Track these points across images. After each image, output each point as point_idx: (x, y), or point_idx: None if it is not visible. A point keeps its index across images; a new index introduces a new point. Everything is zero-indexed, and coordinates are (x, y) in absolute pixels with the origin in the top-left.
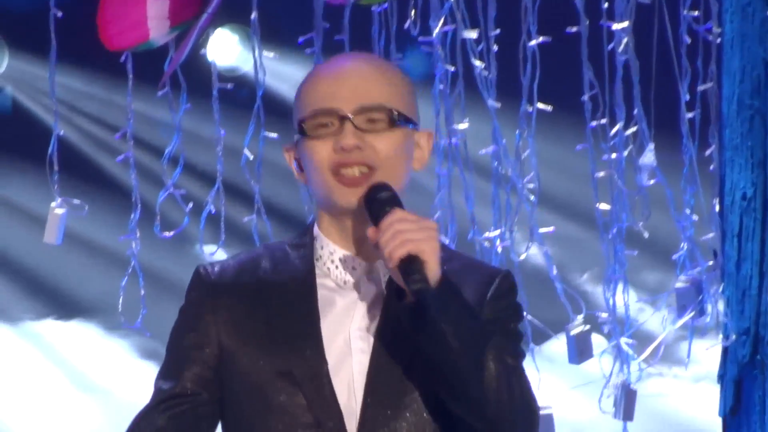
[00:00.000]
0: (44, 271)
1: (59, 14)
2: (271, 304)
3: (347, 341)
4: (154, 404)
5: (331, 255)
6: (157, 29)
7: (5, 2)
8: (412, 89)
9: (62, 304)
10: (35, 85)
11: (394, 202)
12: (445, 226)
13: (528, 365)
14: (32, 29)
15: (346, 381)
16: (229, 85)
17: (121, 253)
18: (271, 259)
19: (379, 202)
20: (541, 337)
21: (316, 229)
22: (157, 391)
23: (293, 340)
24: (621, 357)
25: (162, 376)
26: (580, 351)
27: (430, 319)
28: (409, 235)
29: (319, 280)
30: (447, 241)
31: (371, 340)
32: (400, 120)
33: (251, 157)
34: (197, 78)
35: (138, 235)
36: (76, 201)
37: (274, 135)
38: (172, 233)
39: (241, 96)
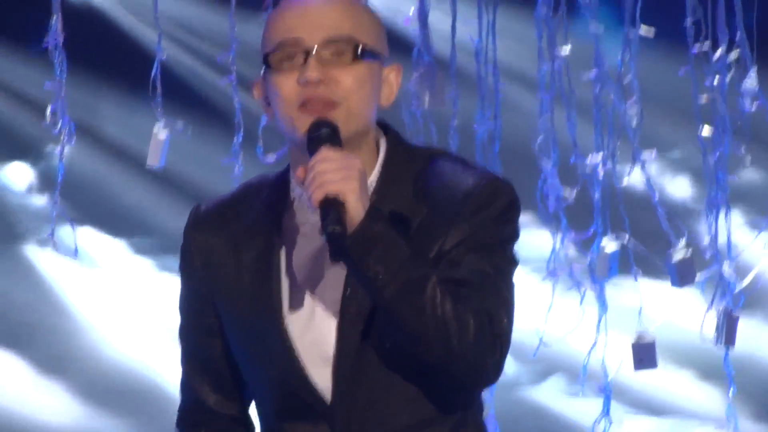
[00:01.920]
0: (146, 194)
1: None
2: (242, 253)
3: (321, 287)
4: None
5: (300, 198)
6: None
7: None
8: (380, 24)
9: (163, 232)
10: (138, 7)
11: (328, 139)
12: (548, 150)
13: (631, 290)
14: None
15: (318, 328)
16: None
17: (225, 176)
18: (252, 199)
19: (313, 141)
20: (646, 261)
21: (290, 170)
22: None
23: (257, 296)
24: (723, 283)
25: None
26: (681, 276)
27: (351, 261)
28: (328, 176)
29: (289, 223)
30: (549, 166)
31: (341, 286)
32: (366, 54)
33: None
34: None
35: (241, 158)
36: (180, 123)
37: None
38: (275, 156)
39: None
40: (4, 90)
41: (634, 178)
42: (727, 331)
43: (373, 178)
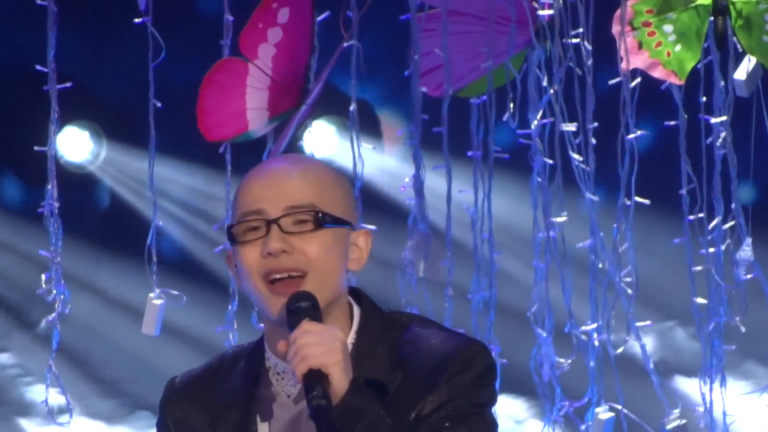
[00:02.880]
0: (142, 361)
1: (159, 105)
2: (218, 425)
3: None
4: None
5: (275, 367)
6: (257, 120)
7: (102, 92)
8: (346, 189)
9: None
10: (133, 175)
11: (308, 313)
12: (543, 319)
13: None
14: (130, 119)
15: None
16: None
17: (218, 344)
18: (226, 372)
19: (293, 314)
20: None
21: (264, 338)
22: None
23: None
24: None
25: None
26: None
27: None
28: (310, 349)
29: (266, 394)
30: (544, 334)
31: None
32: (328, 221)
33: None
34: None
35: (235, 326)
36: (174, 292)
37: (372, 227)
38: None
39: None
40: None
41: (629, 346)
42: None
43: (347, 345)
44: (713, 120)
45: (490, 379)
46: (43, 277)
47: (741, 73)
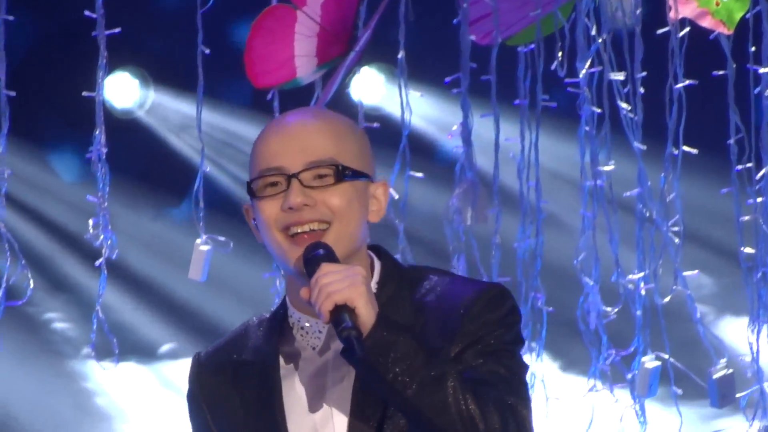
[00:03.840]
0: (189, 307)
1: (206, 51)
2: (244, 388)
3: (324, 402)
4: None
5: (299, 322)
6: (305, 67)
7: (150, 39)
8: (363, 141)
9: (206, 340)
10: (180, 121)
11: (326, 258)
12: (589, 268)
13: (670, 408)
14: (177, 66)
15: None
16: (375, 124)
17: (264, 290)
18: (251, 334)
19: (310, 261)
20: (685, 380)
21: (286, 296)
22: None
23: (259, 424)
24: (764, 402)
25: None
26: (722, 395)
27: (367, 364)
28: (334, 286)
29: (290, 350)
30: (590, 283)
31: (349, 401)
32: (347, 174)
33: (396, 197)
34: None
35: (282, 272)
36: (221, 238)
37: (419, 174)
38: None
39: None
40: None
41: (675, 295)
42: None
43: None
44: (762, 70)
45: (515, 320)
46: (91, 222)
47: None
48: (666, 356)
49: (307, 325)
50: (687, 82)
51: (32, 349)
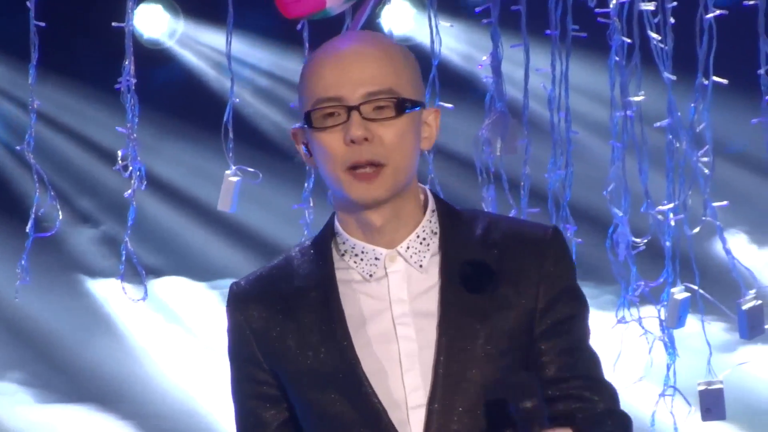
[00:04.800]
0: (217, 238)
1: None
2: (299, 313)
3: (388, 332)
4: None
5: (353, 249)
6: None
7: None
8: (416, 66)
9: (232, 271)
10: (210, 51)
11: (543, 413)
12: (619, 198)
13: (699, 339)
14: None
15: (390, 373)
16: None
17: (294, 221)
18: (295, 264)
19: (530, 413)
20: (714, 312)
21: (336, 223)
22: None
23: (325, 346)
24: None
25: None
26: (751, 326)
27: None
28: None
29: (344, 276)
30: (620, 214)
31: (414, 326)
32: (407, 107)
33: None
34: None
35: (312, 204)
36: (251, 169)
37: (449, 105)
38: None
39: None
40: (75, 133)
41: (705, 227)
42: None
43: (432, 223)
44: None
45: (576, 277)
46: (119, 153)
47: None
48: (695, 287)
49: (362, 252)
50: (717, 12)
51: (60, 279)
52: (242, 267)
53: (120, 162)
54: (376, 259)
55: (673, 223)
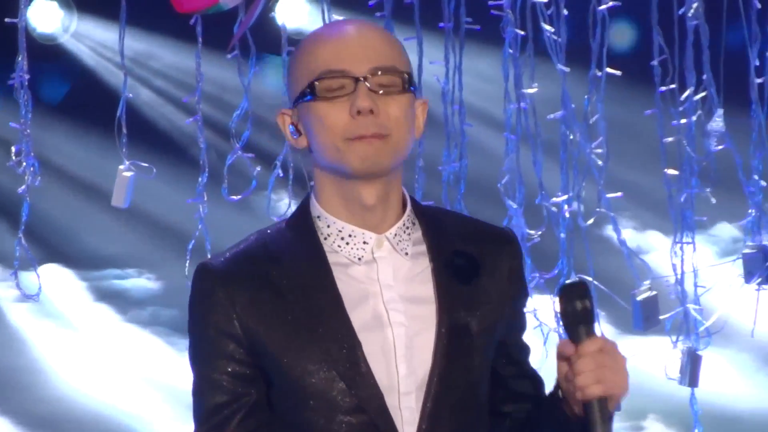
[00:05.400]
0: (111, 233)
1: None
2: (288, 290)
3: (380, 316)
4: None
5: (340, 232)
6: None
7: None
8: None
9: (128, 266)
10: (104, 47)
11: (593, 318)
12: (513, 190)
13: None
14: None
15: (384, 357)
16: None
17: (188, 216)
18: (275, 246)
19: (578, 315)
20: (608, 303)
21: (317, 207)
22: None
23: (321, 324)
24: (687, 323)
25: (204, 409)
26: (646, 317)
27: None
28: (608, 374)
29: (332, 259)
30: (514, 206)
31: (405, 312)
32: (413, 85)
33: None
34: (267, 41)
35: (206, 198)
36: (144, 164)
37: None
38: (239, 196)
39: None
40: None
41: (599, 218)
42: (692, 371)
43: (411, 214)
44: None
45: None
46: (13, 149)
47: None
48: (590, 278)
49: (349, 236)
50: (611, 3)
51: None
52: (137, 261)
53: (14, 158)
54: (364, 243)
55: (567, 214)
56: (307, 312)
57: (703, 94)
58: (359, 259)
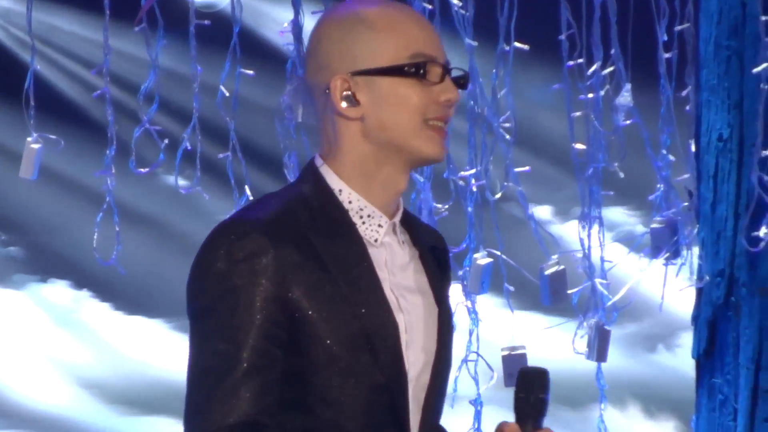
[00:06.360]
0: (19, 206)
1: None
2: (330, 262)
3: (393, 301)
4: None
5: (361, 210)
6: None
7: None
8: None
9: (35, 240)
10: (11, 19)
11: (545, 410)
12: None
13: (503, 306)
14: None
15: (402, 343)
16: (207, 21)
17: (96, 188)
18: (305, 215)
19: (533, 406)
20: (517, 277)
21: (337, 180)
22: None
23: (363, 304)
24: (595, 298)
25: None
26: (553, 291)
27: None
28: None
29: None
30: (422, 180)
31: (407, 300)
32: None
33: (227, 94)
34: (174, 14)
35: (113, 171)
36: (52, 136)
37: (250, 72)
38: (147, 169)
39: (218, 32)
40: None
41: (508, 192)
42: (599, 346)
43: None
44: None
45: None
46: None
47: None
48: (498, 253)
49: (368, 216)
50: None
51: None
52: (44, 231)
53: None
54: (379, 226)
55: (474, 189)
56: (349, 288)
57: (611, 68)
58: (375, 240)
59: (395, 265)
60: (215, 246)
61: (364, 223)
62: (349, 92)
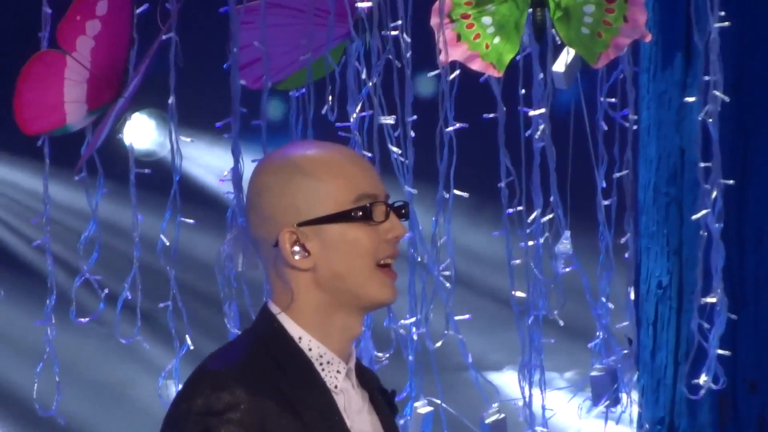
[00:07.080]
0: None
1: None
2: (303, 411)
3: None
4: None
5: (320, 357)
6: (75, 113)
7: None
8: None
9: None
10: None
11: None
12: None
13: None
14: None
15: None
16: (147, 170)
17: (36, 339)
18: (270, 364)
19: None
20: (458, 426)
21: (296, 327)
22: None
23: None
24: None
25: None
26: None
27: None
28: None
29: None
30: (362, 329)
31: None
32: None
33: (168, 243)
34: (114, 163)
35: (53, 320)
36: None
37: (190, 221)
38: (87, 319)
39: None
40: None
41: (448, 340)
42: None
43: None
44: (532, 112)
45: None
46: None
47: (560, 66)
48: (438, 401)
49: (328, 363)
50: (458, 125)
51: None
52: None
53: None
54: (338, 372)
55: (415, 337)
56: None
57: (550, 215)
58: (335, 387)
59: (352, 410)
60: (191, 396)
61: (323, 369)
62: (298, 244)
